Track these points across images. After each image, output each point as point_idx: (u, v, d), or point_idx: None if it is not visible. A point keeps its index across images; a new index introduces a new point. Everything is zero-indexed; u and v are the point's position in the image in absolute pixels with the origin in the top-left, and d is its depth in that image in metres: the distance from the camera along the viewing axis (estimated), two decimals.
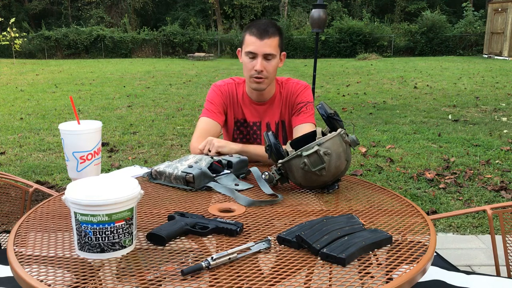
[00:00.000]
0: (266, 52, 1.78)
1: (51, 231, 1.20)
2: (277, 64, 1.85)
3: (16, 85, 11.27)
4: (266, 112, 1.97)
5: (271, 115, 1.97)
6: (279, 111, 1.97)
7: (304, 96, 1.94)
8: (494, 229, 1.65)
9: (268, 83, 1.86)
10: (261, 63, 1.79)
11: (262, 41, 1.77)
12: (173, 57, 23.24)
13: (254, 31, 1.79)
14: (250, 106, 1.97)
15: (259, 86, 1.85)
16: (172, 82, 11.78)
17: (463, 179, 4.04)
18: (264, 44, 1.77)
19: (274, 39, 1.79)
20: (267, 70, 1.81)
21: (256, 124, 1.98)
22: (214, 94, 1.97)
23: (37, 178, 4.13)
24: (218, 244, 1.12)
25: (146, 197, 1.45)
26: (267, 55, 1.79)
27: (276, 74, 1.89)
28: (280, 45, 1.83)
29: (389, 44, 22.40)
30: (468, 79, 11.68)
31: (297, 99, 1.94)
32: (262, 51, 1.78)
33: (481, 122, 6.50)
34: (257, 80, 1.83)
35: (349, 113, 7.30)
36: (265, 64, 1.80)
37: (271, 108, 1.96)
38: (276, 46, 1.81)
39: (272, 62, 1.81)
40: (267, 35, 1.77)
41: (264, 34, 1.77)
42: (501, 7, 19.13)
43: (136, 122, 6.75)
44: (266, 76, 1.82)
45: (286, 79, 1.99)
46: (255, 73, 1.81)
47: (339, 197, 1.46)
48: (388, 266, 1.02)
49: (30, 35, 23.37)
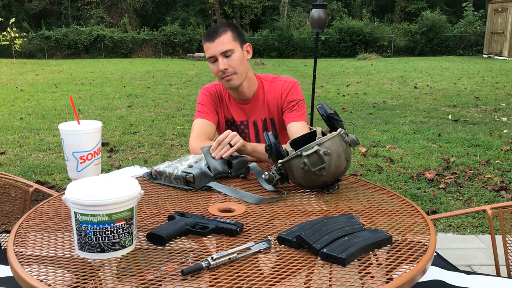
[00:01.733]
0: (222, 51, 1.79)
1: (51, 231, 1.20)
2: (241, 57, 1.84)
3: (16, 85, 11.27)
4: (251, 110, 1.98)
5: (257, 113, 1.98)
6: (264, 109, 1.98)
7: (295, 94, 1.95)
8: (494, 229, 1.65)
9: (240, 78, 1.86)
10: (222, 62, 1.80)
11: (214, 42, 1.80)
12: (173, 57, 23.23)
13: (205, 37, 1.83)
14: (235, 105, 1.99)
15: (231, 83, 1.86)
16: (172, 82, 11.78)
17: (463, 179, 4.04)
18: (217, 44, 1.79)
19: (225, 36, 1.80)
20: (231, 66, 1.82)
21: (243, 123, 2.01)
22: (204, 96, 2.00)
23: (37, 178, 4.13)
24: (218, 244, 1.12)
25: (146, 197, 1.45)
26: (225, 52, 1.80)
27: (246, 67, 1.89)
28: (235, 38, 1.83)
29: (389, 44, 22.40)
30: (468, 79, 11.68)
31: (288, 97, 1.95)
32: (218, 51, 1.80)
33: (481, 122, 6.50)
34: (227, 78, 1.84)
35: (349, 113, 7.30)
36: (226, 61, 1.81)
37: (256, 106, 1.98)
38: (231, 41, 1.81)
39: (233, 57, 1.81)
40: (216, 35, 1.80)
41: (214, 35, 1.80)
42: (501, 7, 19.12)
43: (136, 122, 6.75)
44: (232, 72, 1.83)
45: (273, 77, 2.00)
46: (222, 74, 1.83)
47: (339, 197, 1.46)
48: (388, 266, 1.02)
49: (30, 35, 23.37)
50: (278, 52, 22.45)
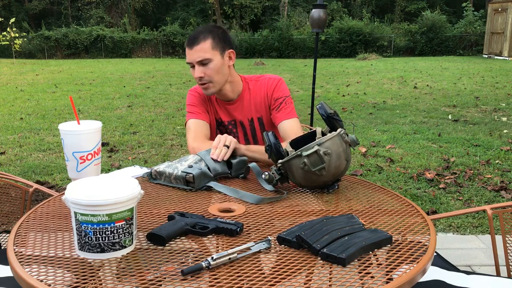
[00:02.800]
0: (198, 60, 1.78)
1: (51, 231, 1.20)
2: (219, 65, 1.81)
3: (16, 85, 11.27)
4: (236, 111, 1.98)
5: (242, 113, 1.98)
6: (251, 109, 1.97)
7: (280, 91, 1.94)
8: (494, 229, 1.65)
9: (216, 86, 1.85)
10: (198, 69, 1.79)
11: (192, 49, 1.78)
12: (173, 57, 23.24)
13: (186, 42, 1.82)
14: (222, 106, 1.99)
15: (207, 91, 1.86)
16: (172, 82, 11.78)
17: (463, 179, 4.04)
18: (194, 51, 1.78)
19: (204, 43, 1.78)
20: (207, 74, 1.80)
21: (231, 123, 2.00)
22: (193, 97, 1.99)
23: (37, 178, 4.13)
24: (218, 244, 1.12)
25: (146, 197, 1.45)
26: (201, 61, 1.78)
27: (225, 74, 1.86)
28: (215, 46, 1.80)
29: (389, 44, 22.39)
30: (468, 79, 11.68)
31: (273, 95, 1.94)
32: (194, 59, 1.79)
33: (481, 122, 6.50)
34: (203, 86, 1.84)
35: (349, 113, 7.30)
36: (203, 69, 1.79)
37: (241, 106, 1.97)
38: (210, 49, 1.78)
39: (210, 66, 1.79)
40: (196, 42, 1.78)
41: (193, 42, 1.79)
42: (501, 7, 19.12)
43: (136, 122, 6.75)
44: (208, 81, 1.82)
45: (257, 76, 2.00)
46: (199, 81, 1.83)
47: (339, 197, 1.46)
48: (388, 266, 1.02)
49: (30, 35, 23.37)
50: (278, 52, 22.45)
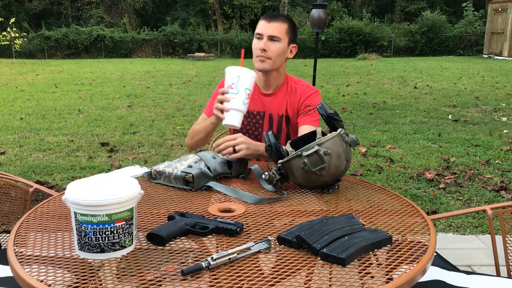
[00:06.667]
0: (271, 34, 1.85)
1: (51, 231, 1.20)
2: (283, 49, 1.88)
3: (16, 85, 11.27)
4: (270, 103, 2.00)
5: (275, 107, 1.99)
6: (284, 104, 1.99)
7: (314, 101, 1.97)
8: (494, 229, 1.65)
9: (272, 65, 1.89)
10: (265, 43, 1.85)
11: (269, 24, 1.86)
12: (173, 57, 23.23)
13: (265, 16, 1.90)
14: (257, 96, 2.00)
15: (262, 65, 1.89)
16: (172, 82, 11.78)
17: (463, 179, 4.04)
18: (271, 26, 1.85)
19: (281, 24, 1.86)
20: (270, 50, 1.86)
21: (259, 114, 2.01)
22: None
23: (37, 178, 4.13)
24: (218, 244, 1.12)
25: (146, 197, 1.45)
26: (272, 37, 1.85)
27: (282, 61, 1.92)
28: (288, 32, 1.89)
29: (389, 44, 22.39)
30: (468, 79, 11.68)
31: (306, 101, 1.97)
32: (268, 32, 1.85)
33: (481, 122, 6.50)
34: (261, 58, 1.88)
35: (349, 113, 7.30)
36: (269, 44, 1.86)
37: (276, 99, 1.99)
38: (283, 32, 1.87)
39: (276, 44, 1.86)
40: (276, 19, 1.86)
41: (274, 17, 1.87)
42: (501, 7, 19.12)
43: (136, 122, 6.74)
44: (269, 56, 1.87)
45: (298, 79, 2.04)
46: (259, 52, 1.87)
47: (339, 197, 1.46)
48: (388, 266, 1.02)
49: (30, 35, 23.36)
50: None
